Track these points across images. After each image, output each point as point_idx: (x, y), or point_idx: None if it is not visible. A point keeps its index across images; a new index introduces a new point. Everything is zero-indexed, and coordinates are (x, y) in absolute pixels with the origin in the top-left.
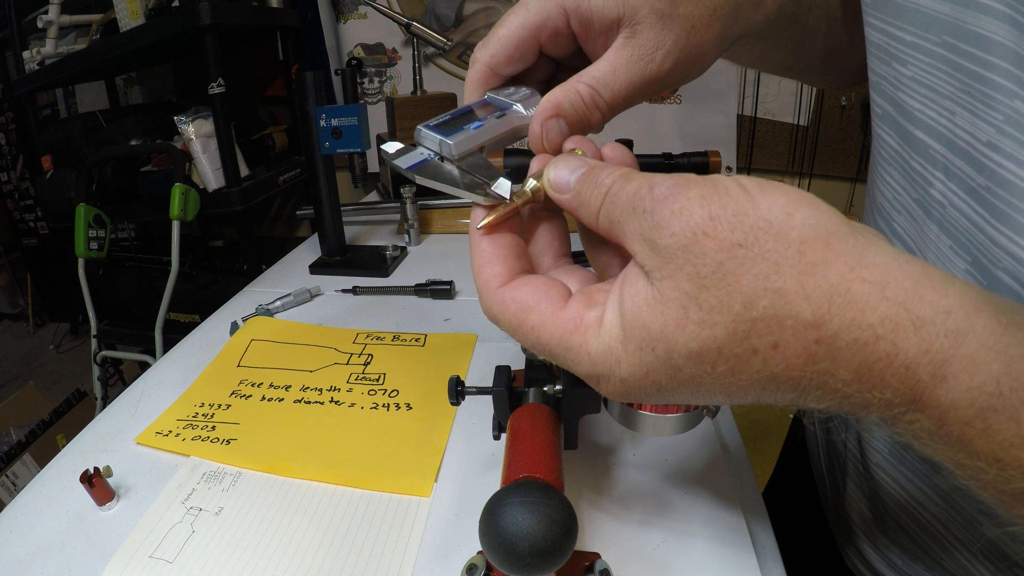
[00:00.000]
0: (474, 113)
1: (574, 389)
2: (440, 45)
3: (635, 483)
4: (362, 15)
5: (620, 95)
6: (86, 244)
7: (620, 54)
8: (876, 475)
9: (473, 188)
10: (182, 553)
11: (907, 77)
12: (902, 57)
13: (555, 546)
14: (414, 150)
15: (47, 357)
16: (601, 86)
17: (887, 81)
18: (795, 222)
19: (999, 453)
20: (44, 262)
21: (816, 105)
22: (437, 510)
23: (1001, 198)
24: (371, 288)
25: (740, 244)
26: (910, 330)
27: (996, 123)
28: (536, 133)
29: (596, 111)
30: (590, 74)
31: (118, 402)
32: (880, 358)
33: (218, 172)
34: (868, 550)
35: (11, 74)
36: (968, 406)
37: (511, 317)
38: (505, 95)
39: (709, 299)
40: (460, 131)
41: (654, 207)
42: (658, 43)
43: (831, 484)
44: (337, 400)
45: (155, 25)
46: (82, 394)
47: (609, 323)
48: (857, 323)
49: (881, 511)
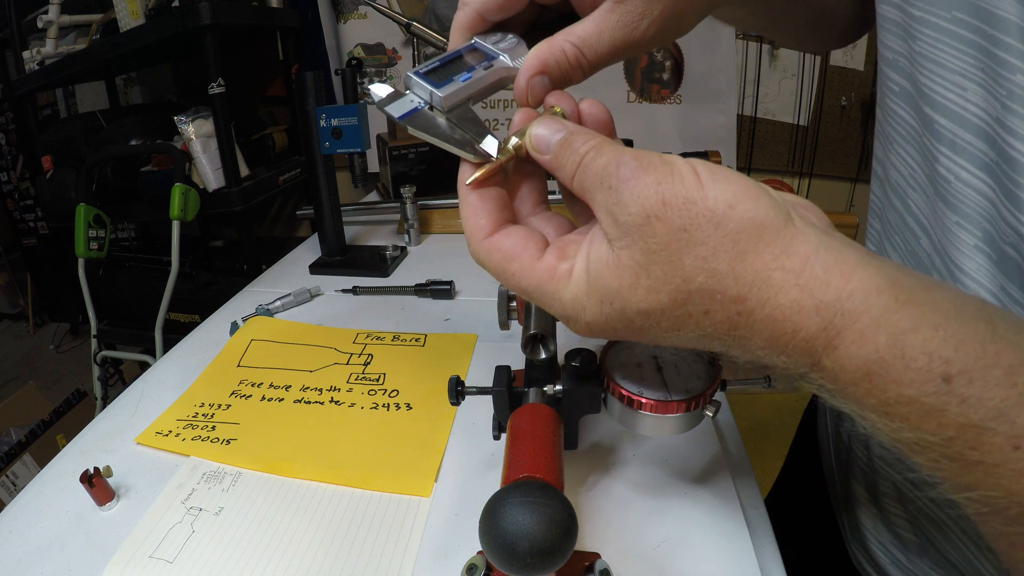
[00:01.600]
0: (463, 61)
1: (574, 389)
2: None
3: (635, 483)
4: (362, 15)
5: (602, 56)
6: (86, 244)
7: (608, 17)
8: (879, 467)
9: (463, 145)
10: (182, 553)
11: (918, 53)
12: (913, 33)
13: (555, 546)
14: (404, 97)
15: (47, 357)
16: (586, 47)
17: (904, 57)
18: (735, 214)
19: (886, 408)
20: (44, 262)
21: (816, 105)
22: (437, 510)
23: (1008, 176)
24: (371, 288)
25: (685, 229)
26: (812, 312)
27: (1002, 99)
28: (522, 88)
29: (579, 70)
30: (576, 33)
31: (118, 402)
32: (786, 332)
33: (218, 172)
34: (874, 546)
35: (11, 74)
36: (855, 370)
37: (495, 264)
38: (492, 42)
39: (656, 271)
40: (450, 82)
41: (618, 186)
42: (644, 12)
43: (840, 478)
44: (337, 400)
45: (155, 25)
46: (82, 394)
47: (577, 276)
48: (771, 303)
49: (884, 503)
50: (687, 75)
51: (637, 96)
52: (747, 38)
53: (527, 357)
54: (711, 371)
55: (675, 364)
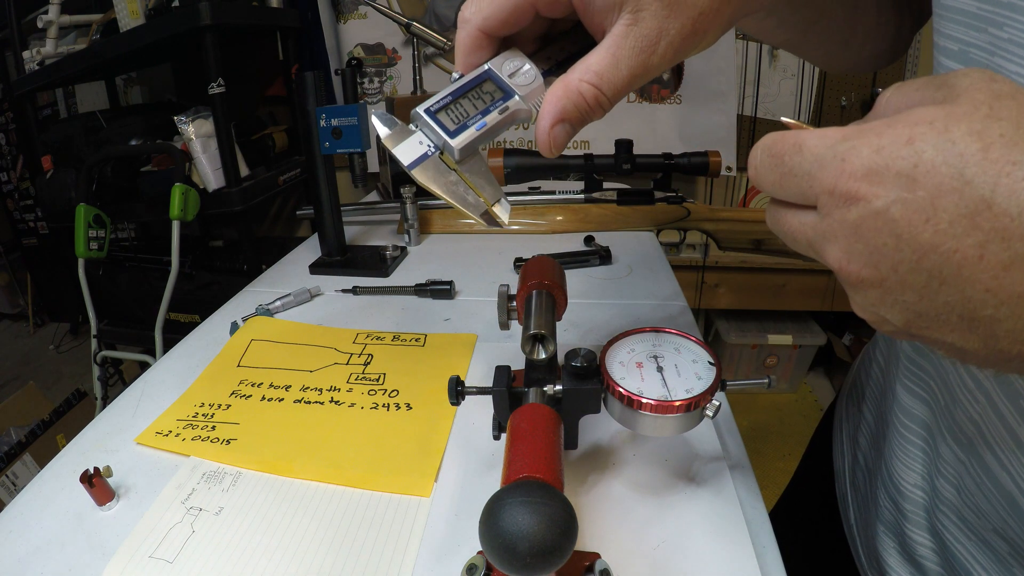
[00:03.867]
0: (477, 96)
1: (574, 389)
2: (440, 45)
3: (635, 483)
4: (362, 15)
5: (621, 89)
6: (86, 244)
7: (623, 43)
8: (905, 509)
9: (477, 211)
10: (182, 553)
11: (1005, 40)
12: (999, 20)
13: (555, 546)
14: (412, 136)
15: (47, 357)
16: (605, 83)
17: (979, 48)
18: None
19: None
20: (44, 262)
21: (816, 105)
22: (437, 510)
23: None
24: (371, 288)
25: None
26: None
27: None
28: (544, 141)
29: (600, 109)
30: (592, 69)
31: (118, 402)
32: None
33: (218, 172)
34: None
35: (11, 74)
36: None
37: None
38: (507, 74)
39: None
40: (464, 129)
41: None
42: (661, 32)
43: (855, 504)
44: (337, 400)
45: (155, 25)
46: (82, 394)
47: (910, 108)
48: None
49: (907, 547)
50: (687, 75)
51: (637, 96)
52: (747, 38)
53: (527, 357)
54: (711, 371)
55: (675, 364)
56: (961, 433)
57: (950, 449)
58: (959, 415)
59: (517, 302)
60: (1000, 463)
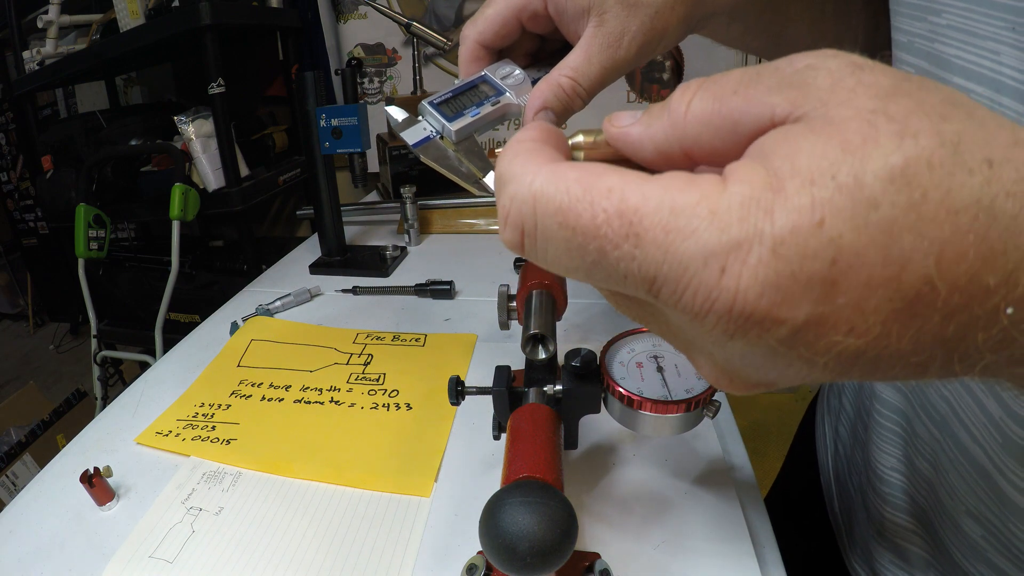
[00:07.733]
0: (474, 93)
1: (574, 389)
2: (440, 45)
3: (635, 483)
4: (362, 15)
5: (595, 81)
6: (86, 244)
7: (592, 43)
8: (883, 492)
9: (469, 180)
10: (182, 553)
11: (943, 26)
12: (936, 8)
13: (555, 546)
14: (417, 123)
15: (47, 357)
16: (580, 75)
17: (921, 37)
18: None
19: None
20: (44, 262)
21: None
22: (437, 510)
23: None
24: (371, 288)
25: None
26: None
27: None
28: None
29: (578, 99)
30: (569, 65)
31: (118, 402)
32: None
33: (218, 172)
34: (876, 562)
35: (11, 74)
36: None
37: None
38: (501, 77)
39: (899, 108)
40: (460, 116)
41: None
42: (623, 29)
43: (838, 494)
44: (337, 400)
45: (155, 25)
46: (82, 394)
47: (744, 172)
48: None
49: (887, 530)
50: (687, 75)
51: (637, 96)
52: None
53: (527, 357)
54: None
55: (675, 364)
56: (935, 411)
57: (925, 428)
58: (932, 395)
59: (517, 302)
60: (972, 437)
